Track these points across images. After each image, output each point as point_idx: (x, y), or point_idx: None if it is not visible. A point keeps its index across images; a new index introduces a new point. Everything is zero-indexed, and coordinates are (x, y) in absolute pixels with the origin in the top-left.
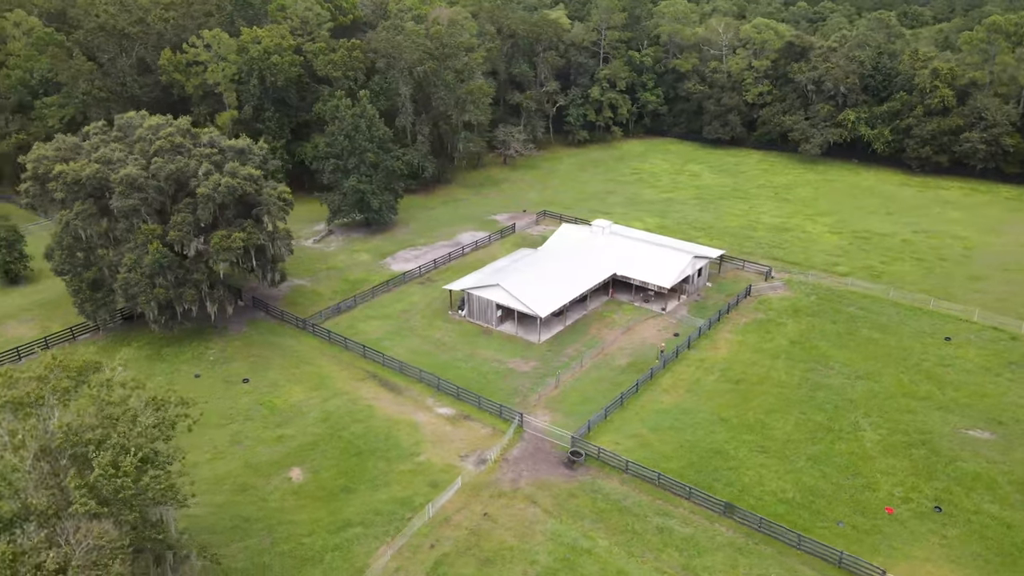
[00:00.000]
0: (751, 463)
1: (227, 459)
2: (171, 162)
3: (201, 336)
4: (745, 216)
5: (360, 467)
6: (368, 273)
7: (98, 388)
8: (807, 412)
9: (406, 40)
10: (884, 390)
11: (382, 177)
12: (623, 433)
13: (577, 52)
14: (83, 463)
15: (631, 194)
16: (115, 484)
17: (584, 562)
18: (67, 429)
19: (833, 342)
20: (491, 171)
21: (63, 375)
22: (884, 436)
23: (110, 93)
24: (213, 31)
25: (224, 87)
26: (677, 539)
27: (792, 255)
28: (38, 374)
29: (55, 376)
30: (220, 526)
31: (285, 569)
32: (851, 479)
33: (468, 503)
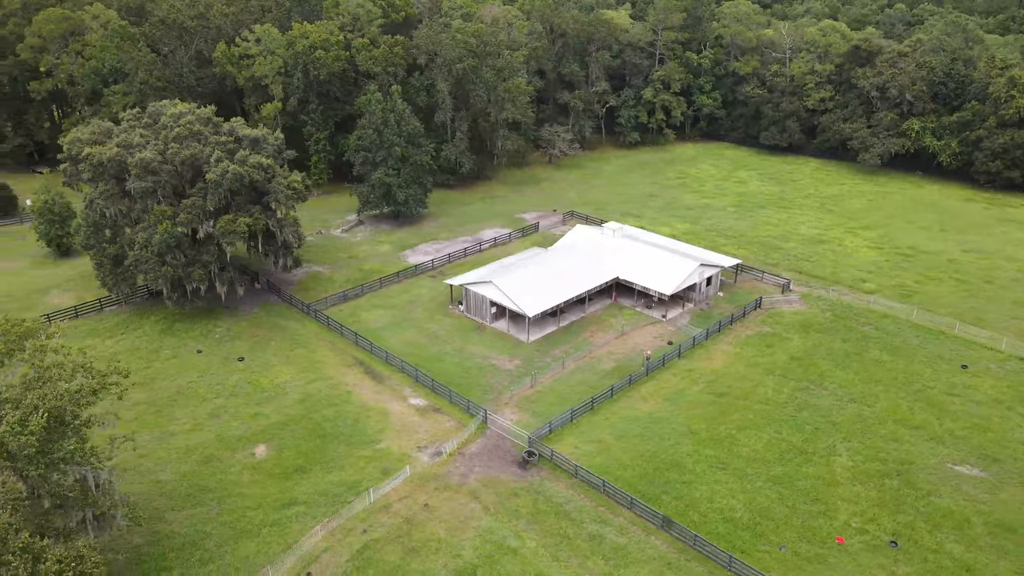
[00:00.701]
0: (707, 478)
1: (203, 431)
2: (187, 148)
3: (212, 315)
4: (781, 226)
5: (321, 449)
6: (384, 264)
7: (32, 353)
8: (783, 431)
9: (447, 37)
10: (875, 415)
11: (410, 171)
12: (586, 438)
13: (633, 52)
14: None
15: (670, 198)
16: (19, 441)
17: (506, 561)
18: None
19: (836, 361)
20: (535, 170)
21: (2, 340)
22: (858, 463)
23: (167, 83)
24: (264, 26)
25: (271, 80)
26: (607, 548)
27: (819, 269)
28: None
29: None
30: (178, 492)
31: (223, 539)
32: (809, 504)
33: (412, 493)
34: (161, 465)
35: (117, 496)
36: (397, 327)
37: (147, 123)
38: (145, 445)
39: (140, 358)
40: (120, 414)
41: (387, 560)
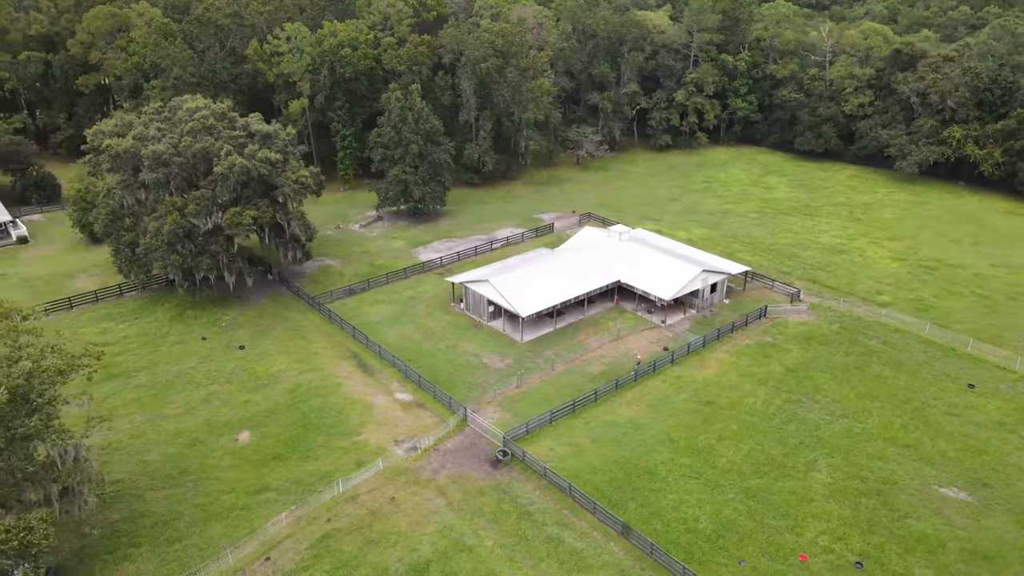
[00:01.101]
0: (677, 487)
1: (193, 415)
2: (199, 142)
3: (222, 304)
4: (802, 234)
5: (302, 438)
6: (395, 260)
7: (5, 333)
8: (765, 444)
9: (471, 36)
10: (864, 432)
11: (428, 169)
12: (562, 440)
13: (667, 54)
14: None
15: (692, 203)
16: None
17: (461, 559)
18: None
19: (833, 375)
20: (561, 170)
21: None
22: (837, 480)
23: (201, 78)
24: (295, 24)
25: (299, 77)
26: (564, 551)
27: (835, 279)
28: None
29: None
30: (160, 473)
31: (193, 520)
32: (778, 519)
33: (381, 486)
34: (149, 446)
35: (92, 472)
36: (396, 322)
37: (166, 117)
38: (138, 426)
39: (148, 343)
40: (121, 395)
41: (345, 550)
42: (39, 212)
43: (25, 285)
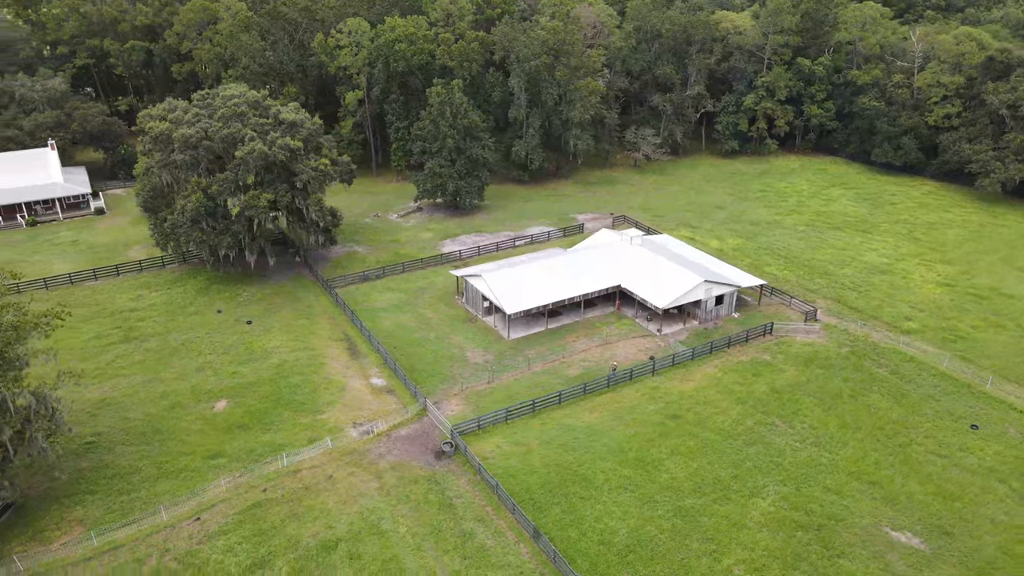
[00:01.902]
0: (607, 498)
1: (184, 381)
2: (227, 127)
3: (246, 281)
4: (847, 251)
5: (271, 411)
6: (419, 250)
7: None
8: (716, 464)
9: (521, 33)
10: (831, 463)
11: (464, 163)
12: (513, 439)
13: (741, 56)
14: None
15: (739, 211)
16: None
17: (370, 541)
18: None
19: (821, 401)
20: (616, 172)
21: None
22: (779, 509)
23: (269, 68)
24: (356, 19)
25: (357, 70)
26: (472, 547)
27: (864, 300)
28: None
29: None
30: (136, 430)
31: (147, 476)
32: (701, 542)
33: (324, 463)
34: (136, 405)
35: (61, 422)
36: (397, 310)
37: (207, 103)
38: (134, 386)
39: (169, 311)
40: (131, 356)
41: (268, 519)
42: (122, 187)
43: (89, 251)
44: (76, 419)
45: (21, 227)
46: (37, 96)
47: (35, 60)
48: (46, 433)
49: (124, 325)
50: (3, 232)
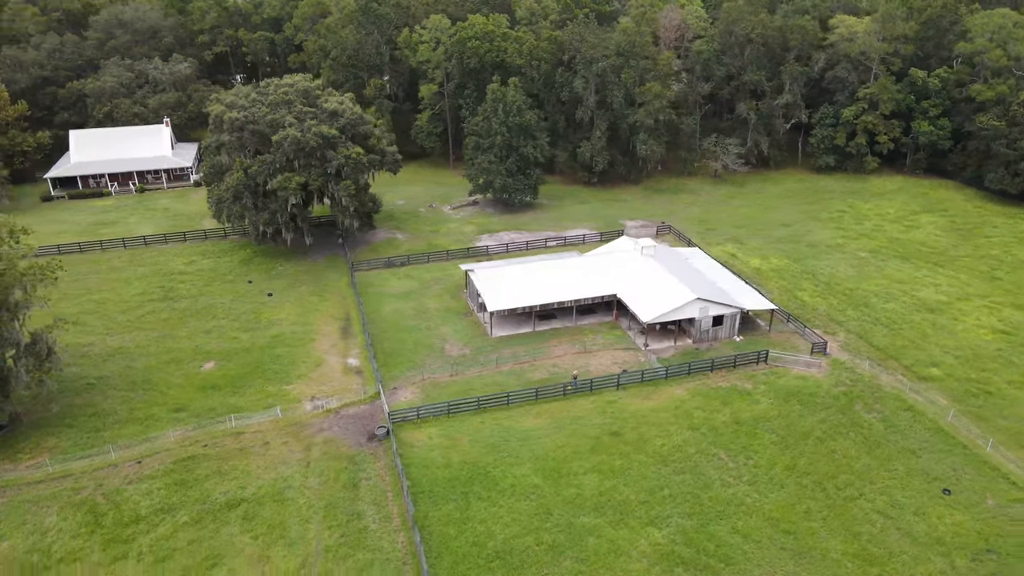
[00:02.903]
0: (504, 502)
1: (190, 340)
2: (272, 112)
3: (285, 256)
4: (901, 283)
5: (246, 377)
6: (455, 242)
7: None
8: (631, 487)
9: (590, 34)
10: (754, 504)
11: (515, 161)
12: (446, 432)
13: (847, 65)
14: None
15: (801, 231)
16: None
17: (268, 506)
18: None
19: (782, 439)
20: (691, 181)
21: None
22: (672, 543)
23: (358, 61)
24: (438, 16)
25: (435, 64)
26: (356, 527)
27: (892, 339)
28: None
29: None
30: (130, 379)
31: (119, 419)
32: (573, 562)
33: (266, 430)
34: (142, 357)
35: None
36: (405, 297)
37: (264, 90)
38: (150, 340)
39: (209, 278)
40: (160, 314)
41: (194, 473)
42: None
43: (174, 218)
44: (89, 363)
45: (132, 192)
46: (165, 79)
47: (175, 46)
48: (27, 368)
49: (167, 285)
50: (117, 196)
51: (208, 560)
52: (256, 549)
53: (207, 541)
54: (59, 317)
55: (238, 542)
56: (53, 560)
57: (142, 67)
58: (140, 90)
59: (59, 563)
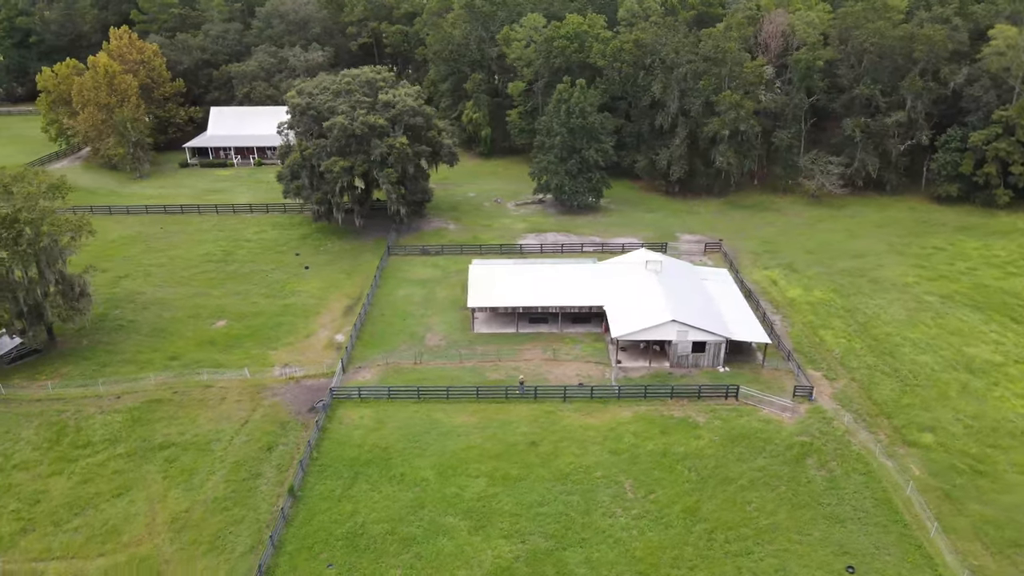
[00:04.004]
0: (386, 489)
1: (219, 300)
2: (332, 100)
3: (339, 235)
4: (954, 335)
5: (243, 338)
6: (498, 238)
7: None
8: (512, 498)
9: (670, 37)
10: (622, 540)
11: (575, 163)
12: (379, 415)
13: (985, 82)
14: None
15: (871, 266)
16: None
17: (190, 455)
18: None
19: (699, 480)
20: (779, 199)
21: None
22: (512, 560)
23: (460, 56)
24: (534, 14)
25: (525, 62)
26: (248, 487)
27: (896, 394)
28: (15, 176)
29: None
30: (154, 326)
31: (124, 358)
32: (412, 558)
33: (229, 387)
34: (173, 309)
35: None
36: (420, 285)
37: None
38: (188, 295)
39: (266, 247)
40: (209, 274)
41: (152, 414)
42: None
43: (270, 190)
44: (131, 308)
45: (250, 165)
46: (300, 65)
47: (321, 36)
48: (53, 304)
49: (229, 249)
50: (237, 167)
51: (118, 489)
52: (160, 488)
53: (128, 474)
54: (91, 265)
55: (150, 480)
56: (9, 465)
57: (284, 54)
58: (278, 75)
59: (12, 468)
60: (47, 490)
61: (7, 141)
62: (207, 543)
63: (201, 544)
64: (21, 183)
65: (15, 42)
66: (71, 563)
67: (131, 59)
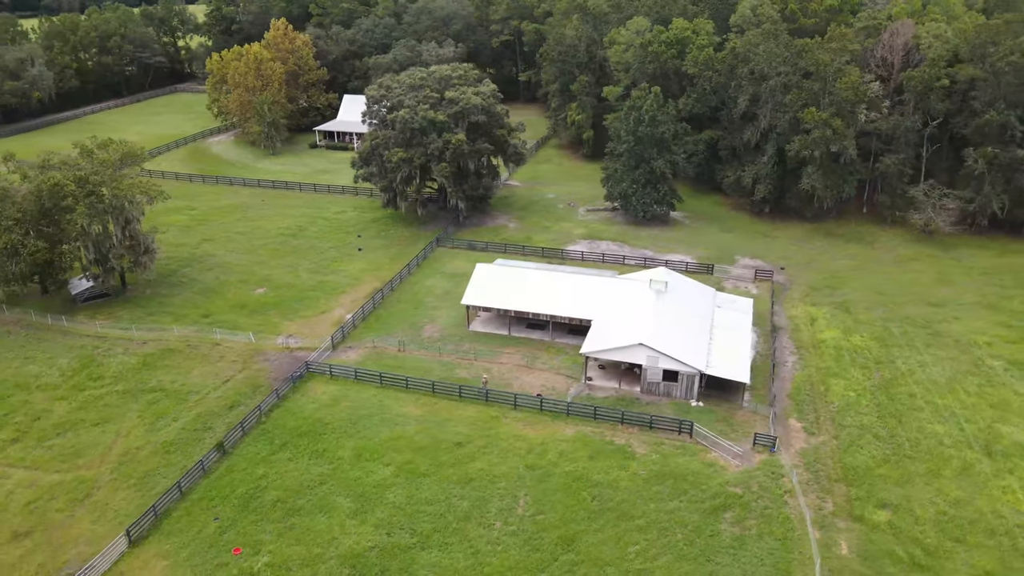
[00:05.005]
0: (304, 461)
1: (271, 270)
2: (404, 94)
3: (404, 222)
4: (994, 408)
5: (269, 306)
6: (550, 241)
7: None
8: (405, 491)
9: (762, 46)
10: (481, 549)
11: (642, 172)
12: (338, 393)
13: None
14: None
15: (939, 318)
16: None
17: (169, 399)
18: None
19: (597, 510)
20: (883, 231)
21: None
22: (372, 548)
23: (569, 57)
24: (640, 17)
25: (623, 66)
26: (188, 435)
27: (869, 462)
28: (101, 143)
29: (103, 147)
30: (207, 285)
31: (168, 310)
32: (288, 527)
33: (232, 347)
34: (231, 273)
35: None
36: (449, 277)
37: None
38: (246, 263)
39: (337, 227)
40: (275, 247)
41: (160, 361)
42: None
43: None
44: (197, 268)
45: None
46: (432, 59)
47: (462, 32)
48: (116, 256)
49: (303, 225)
50: (354, 152)
51: (101, 421)
52: (130, 425)
53: (114, 408)
54: (155, 226)
55: (128, 417)
56: (34, 384)
57: (420, 48)
58: (411, 67)
59: (36, 388)
60: (50, 410)
61: (189, 115)
62: (137, 478)
63: (132, 478)
64: (105, 150)
65: (221, 29)
66: (32, 474)
67: (283, 48)
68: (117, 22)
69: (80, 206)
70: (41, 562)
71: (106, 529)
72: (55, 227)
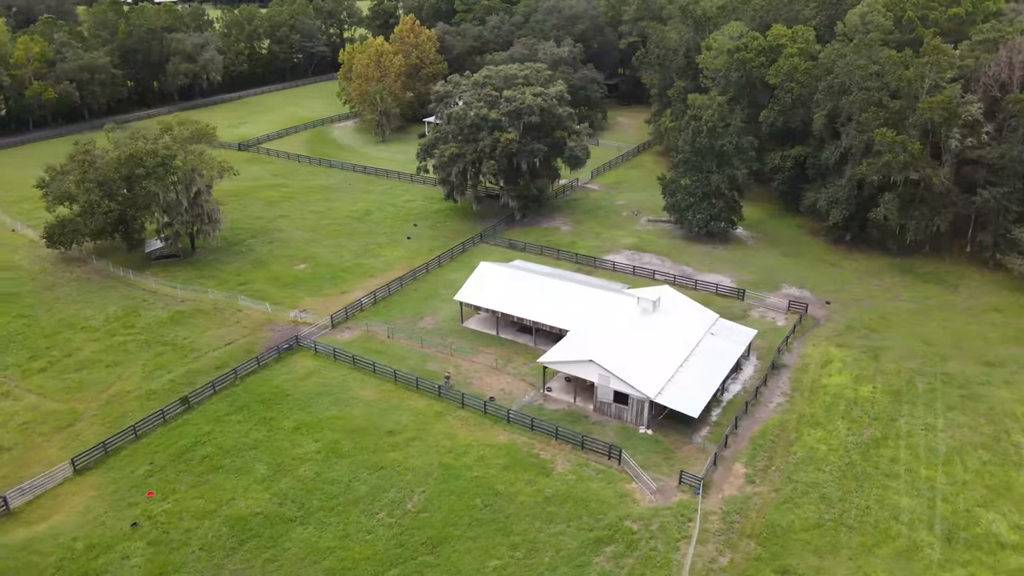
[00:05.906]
0: (252, 425)
1: (322, 248)
2: (467, 91)
3: (463, 216)
4: (982, 489)
5: (303, 282)
6: (593, 249)
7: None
8: (316, 468)
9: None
10: (354, 536)
11: (698, 184)
12: (313, 368)
13: None
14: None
15: (988, 378)
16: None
17: (175, 352)
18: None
19: (482, 523)
20: (980, 273)
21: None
22: (257, 514)
23: (669, 62)
24: (737, 23)
25: (711, 73)
26: (179, 384)
27: (799, 531)
28: (180, 120)
29: (181, 123)
30: (258, 256)
31: (215, 274)
32: (211, 472)
33: (249, 315)
34: (283, 247)
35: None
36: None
37: None
38: (299, 240)
39: (398, 214)
40: (335, 228)
41: (186, 319)
42: None
43: None
44: (261, 239)
45: None
46: (546, 58)
47: (587, 32)
48: (183, 225)
49: (370, 210)
50: None
51: (114, 362)
52: (132, 370)
53: (128, 354)
54: (219, 199)
55: (134, 363)
56: (80, 325)
57: (537, 47)
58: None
59: (81, 328)
60: (82, 348)
61: (330, 102)
62: (112, 418)
63: (109, 416)
64: (182, 126)
65: (380, 23)
66: (40, 400)
67: (408, 42)
68: (288, 14)
69: (153, 174)
70: (4, 475)
71: (67, 455)
72: (131, 191)
